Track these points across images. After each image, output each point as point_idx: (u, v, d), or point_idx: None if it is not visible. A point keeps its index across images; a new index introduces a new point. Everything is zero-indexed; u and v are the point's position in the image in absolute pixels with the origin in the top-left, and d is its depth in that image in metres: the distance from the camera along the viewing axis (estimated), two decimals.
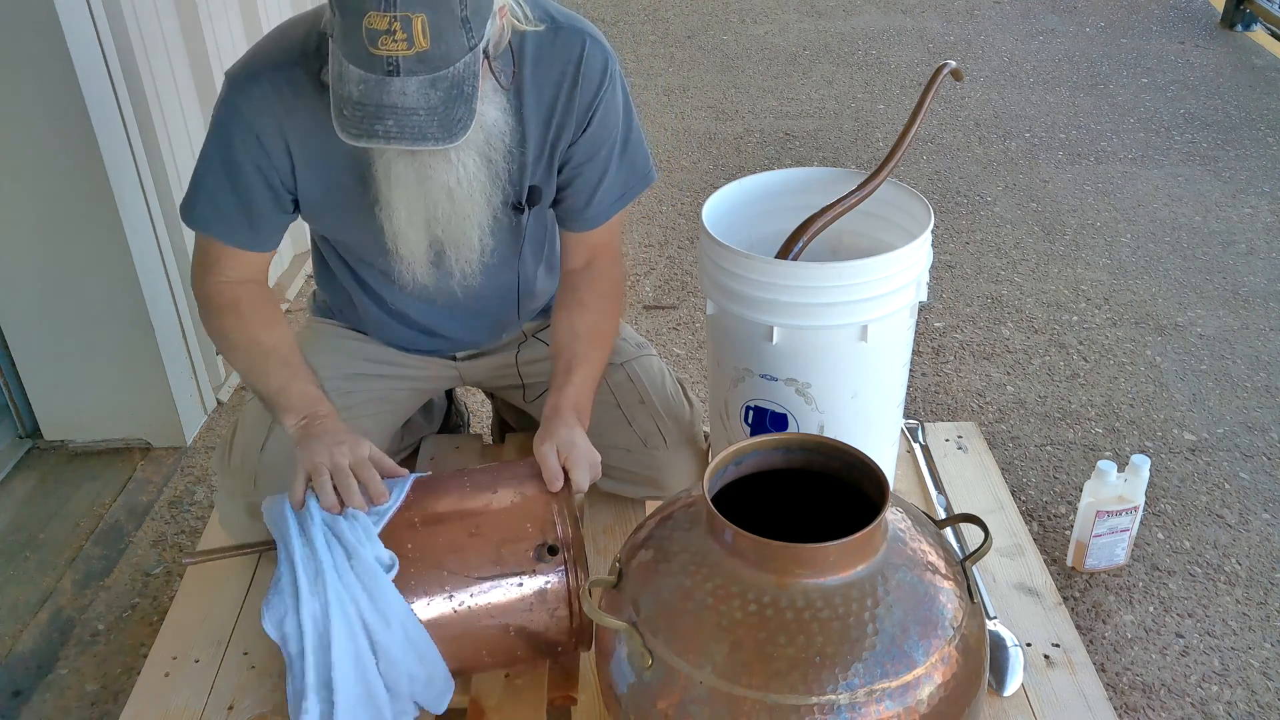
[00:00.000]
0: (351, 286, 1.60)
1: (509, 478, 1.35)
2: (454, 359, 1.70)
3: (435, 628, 1.25)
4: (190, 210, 1.42)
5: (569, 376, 1.43)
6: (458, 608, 1.25)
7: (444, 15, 1.12)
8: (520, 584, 1.27)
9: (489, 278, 1.51)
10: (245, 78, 1.33)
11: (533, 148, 1.41)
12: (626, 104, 1.47)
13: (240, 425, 1.56)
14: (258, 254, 1.46)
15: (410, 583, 1.24)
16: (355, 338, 1.66)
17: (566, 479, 1.33)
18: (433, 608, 1.25)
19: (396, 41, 1.10)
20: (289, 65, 1.30)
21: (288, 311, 2.77)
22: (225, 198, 1.38)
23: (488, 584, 1.26)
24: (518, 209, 1.46)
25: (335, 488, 1.25)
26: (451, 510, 1.31)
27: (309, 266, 2.95)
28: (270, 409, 1.40)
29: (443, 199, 1.30)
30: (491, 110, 1.28)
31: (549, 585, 1.27)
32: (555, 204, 1.52)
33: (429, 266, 1.41)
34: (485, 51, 1.19)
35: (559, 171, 1.46)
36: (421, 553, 1.26)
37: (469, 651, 1.29)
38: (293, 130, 1.34)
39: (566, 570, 1.27)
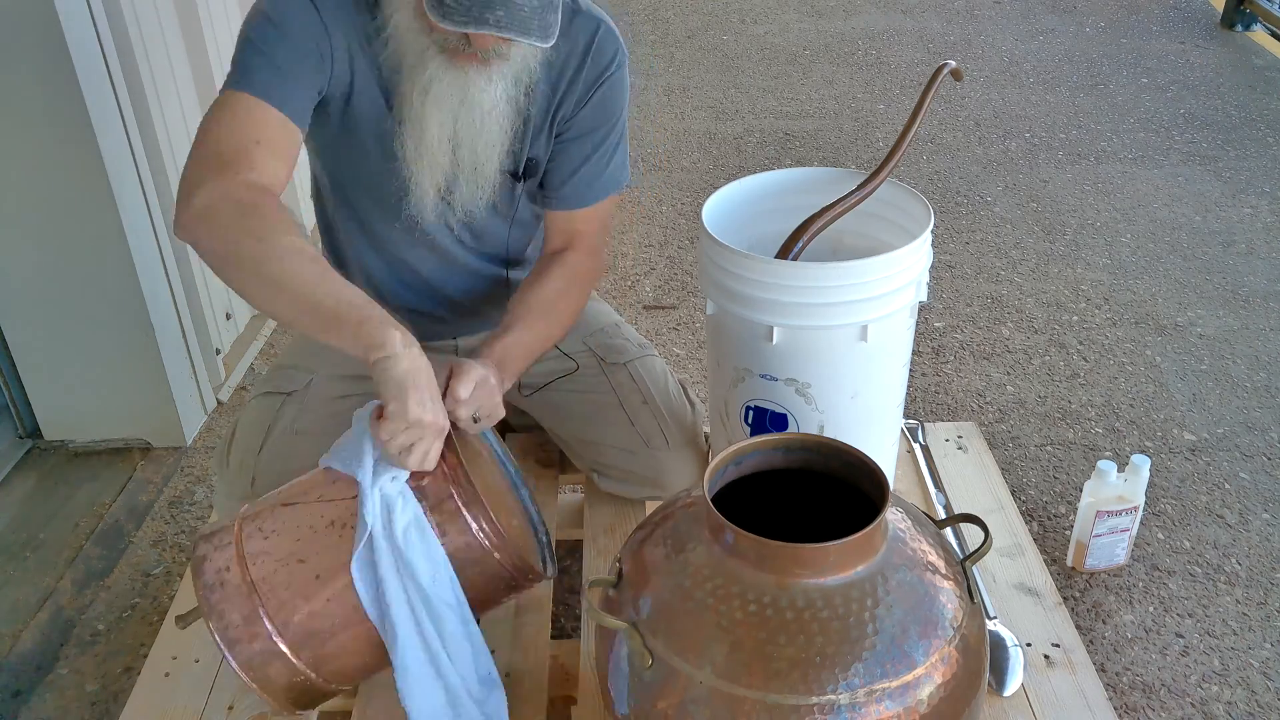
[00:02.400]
0: (357, 240, 1.55)
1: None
2: (455, 353, 1.70)
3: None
4: (241, 74, 1.29)
5: (502, 334, 1.39)
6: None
7: None
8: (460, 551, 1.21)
9: (481, 235, 1.54)
10: None
11: (535, 120, 1.44)
12: (626, 102, 1.51)
13: (239, 426, 1.56)
14: (294, 131, 1.30)
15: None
16: None
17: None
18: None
19: None
20: None
21: None
22: (278, 52, 1.28)
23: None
24: (514, 177, 1.48)
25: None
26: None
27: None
28: (332, 324, 1.16)
29: (477, 119, 1.32)
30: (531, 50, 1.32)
31: (477, 544, 1.20)
32: (541, 184, 1.54)
33: (439, 200, 1.42)
34: None
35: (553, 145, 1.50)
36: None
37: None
38: (353, 38, 1.33)
39: (472, 520, 1.19)
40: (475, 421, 1.28)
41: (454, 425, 1.21)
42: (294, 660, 1.21)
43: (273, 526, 1.23)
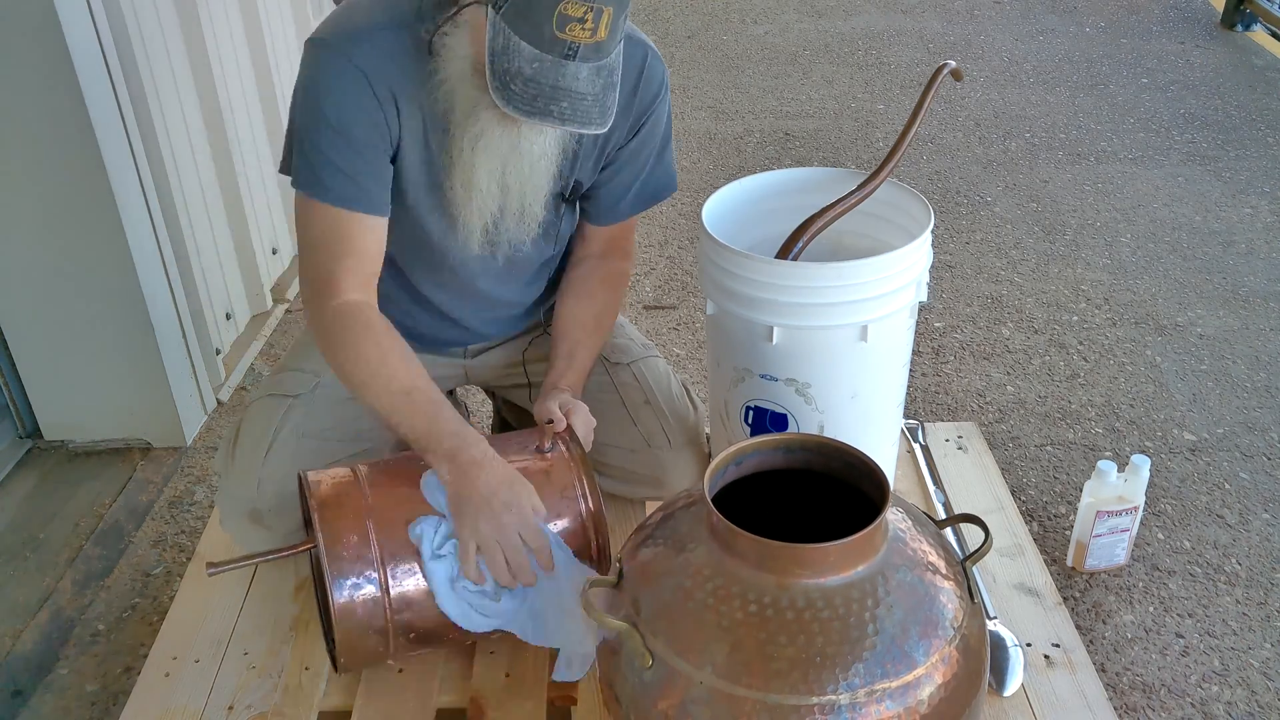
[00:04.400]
0: (384, 273, 1.56)
1: (517, 442, 1.42)
2: (464, 356, 1.70)
3: None
4: (314, 183, 1.34)
5: (570, 361, 1.51)
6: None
7: (621, 10, 1.19)
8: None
9: (518, 265, 1.55)
10: (352, 37, 1.31)
11: (584, 148, 1.45)
12: (669, 117, 1.54)
13: (244, 429, 1.55)
14: (378, 223, 1.37)
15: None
16: None
17: (567, 426, 1.40)
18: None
19: (585, 29, 1.16)
20: (398, 26, 1.31)
21: (288, 311, 2.77)
22: (345, 158, 1.32)
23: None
24: (561, 198, 1.50)
25: (506, 559, 1.27)
26: None
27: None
28: (414, 447, 1.35)
29: (526, 166, 1.34)
30: None
31: (577, 514, 1.36)
32: (585, 199, 1.56)
33: (482, 236, 1.43)
34: None
35: (604, 169, 1.52)
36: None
37: None
38: (402, 89, 1.32)
39: (586, 494, 1.36)
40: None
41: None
42: (385, 600, 1.27)
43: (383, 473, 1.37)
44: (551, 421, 1.39)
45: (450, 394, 2.02)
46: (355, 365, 1.36)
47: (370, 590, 1.26)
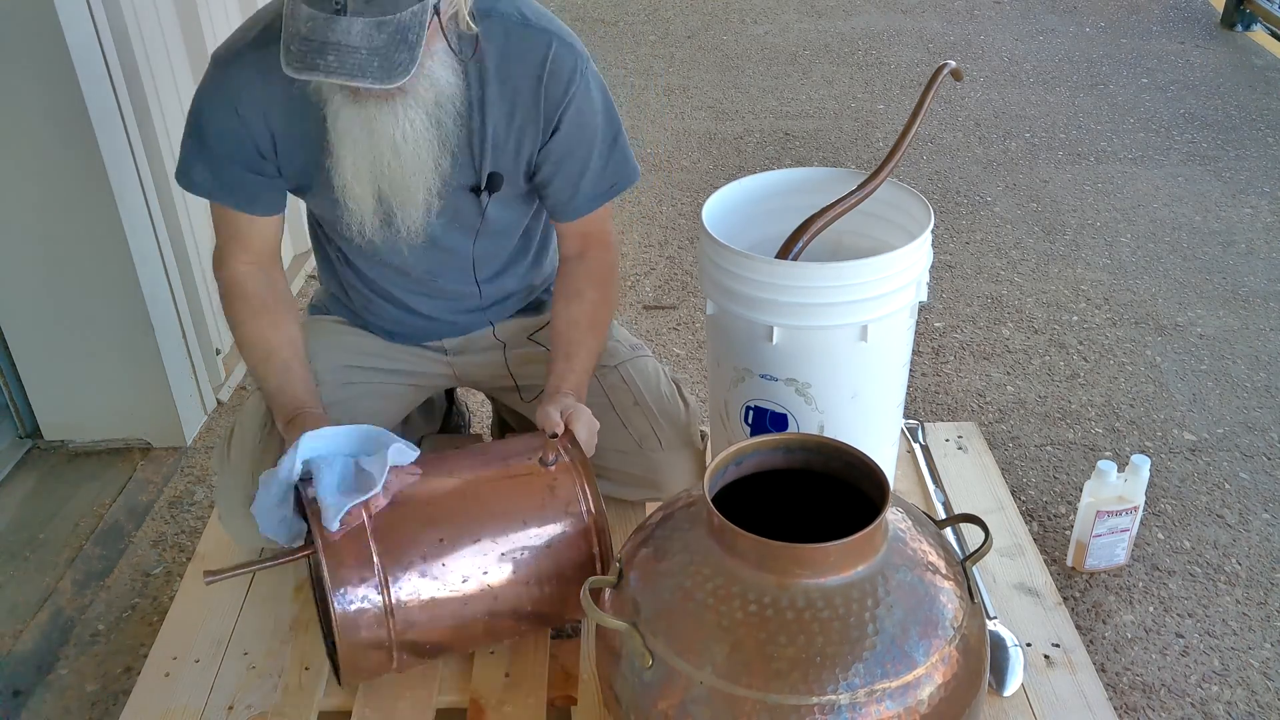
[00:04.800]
0: (339, 264, 1.64)
1: (517, 449, 1.42)
2: (444, 353, 1.70)
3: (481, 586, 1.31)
4: (184, 174, 1.48)
5: (570, 363, 1.50)
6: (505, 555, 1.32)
7: None
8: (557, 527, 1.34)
9: (443, 252, 1.55)
10: (228, 58, 1.41)
11: (493, 135, 1.44)
12: (606, 102, 1.50)
13: (239, 424, 1.57)
14: (260, 219, 1.50)
15: (456, 551, 1.30)
16: (351, 332, 1.68)
17: (568, 432, 1.41)
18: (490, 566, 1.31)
19: None
20: (266, 44, 1.35)
21: None
22: (216, 164, 1.45)
23: (527, 533, 1.33)
24: (475, 191, 1.48)
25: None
26: (475, 480, 1.37)
27: (309, 267, 2.95)
28: (269, 404, 1.51)
29: (388, 153, 1.34)
30: (443, 72, 1.32)
31: (579, 522, 1.35)
32: (541, 198, 1.56)
33: (378, 224, 1.44)
34: (437, 9, 1.23)
35: (537, 170, 1.50)
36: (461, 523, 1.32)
37: (514, 599, 1.34)
38: (273, 107, 1.39)
39: (588, 501, 1.35)
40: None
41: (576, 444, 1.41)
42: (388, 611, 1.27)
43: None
44: (555, 435, 1.38)
45: (449, 394, 2.03)
46: (234, 329, 1.53)
47: (372, 606, 1.26)
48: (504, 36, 1.39)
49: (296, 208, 2.88)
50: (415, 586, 1.27)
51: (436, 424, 1.95)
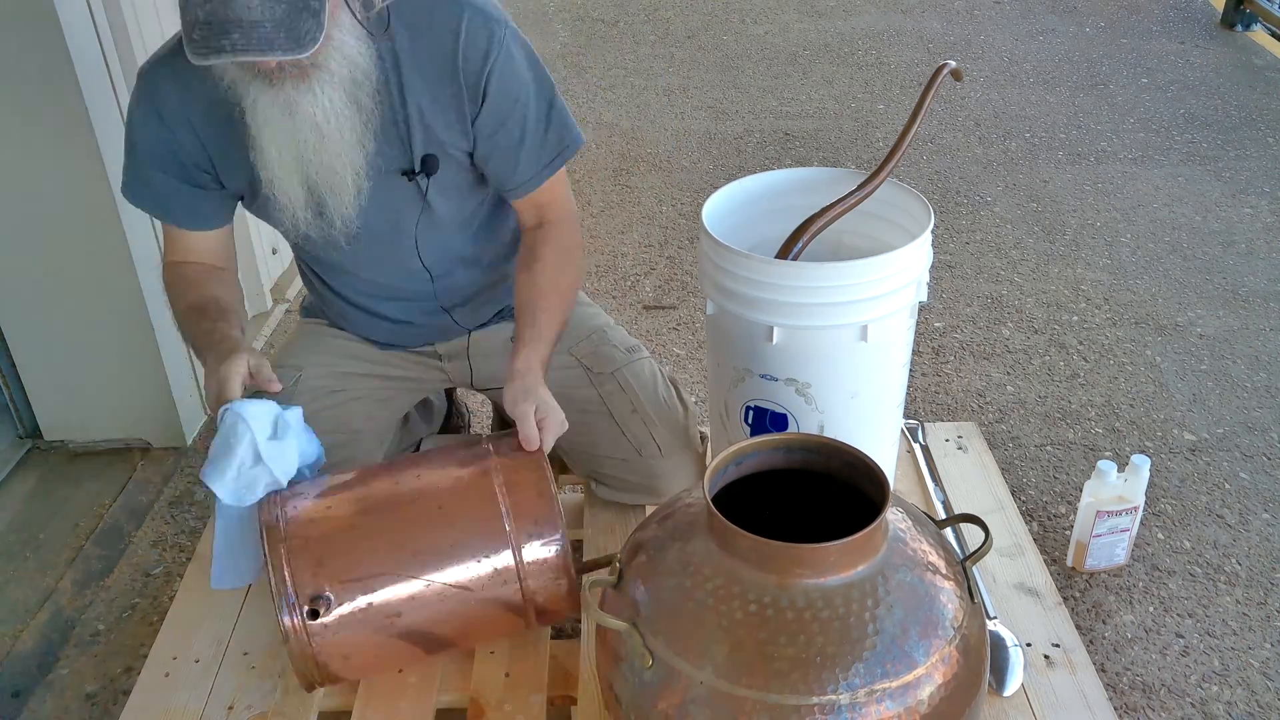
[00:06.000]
0: (310, 277, 1.64)
1: (478, 457, 1.36)
2: (439, 358, 1.69)
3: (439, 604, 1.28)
4: (126, 189, 1.50)
5: (533, 329, 1.44)
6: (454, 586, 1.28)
7: None
8: (523, 559, 1.30)
9: (385, 246, 1.52)
10: (150, 70, 1.41)
11: (419, 114, 1.40)
12: (534, 68, 1.46)
13: None
14: (198, 234, 1.51)
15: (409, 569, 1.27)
16: (342, 336, 1.67)
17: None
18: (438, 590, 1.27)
19: None
20: (181, 49, 1.30)
21: (288, 312, 2.77)
22: (149, 178, 1.46)
23: (480, 563, 1.29)
24: (410, 175, 1.44)
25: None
26: (425, 492, 1.33)
27: None
28: (198, 356, 1.44)
29: (312, 136, 1.31)
30: (354, 43, 1.30)
31: (548, 558, 1.31)
32: (487, 179, 1.51)
33: (310, 217, 1.42)
34: None
35: (475, 147, 1.45)
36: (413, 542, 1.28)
37: (472, 628, 1.33)
38: (196, 113, 1.39)
39: (563, 540, 1.31)
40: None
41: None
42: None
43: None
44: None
45: (449, 394, 2.03)
46: (170, 303, 1.51)
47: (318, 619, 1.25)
48: (412, 13, 1.37)
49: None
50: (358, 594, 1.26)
51: (436, 425, 1.95)
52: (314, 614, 1.23)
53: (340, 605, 1.24)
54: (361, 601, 1.25)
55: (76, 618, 1.84)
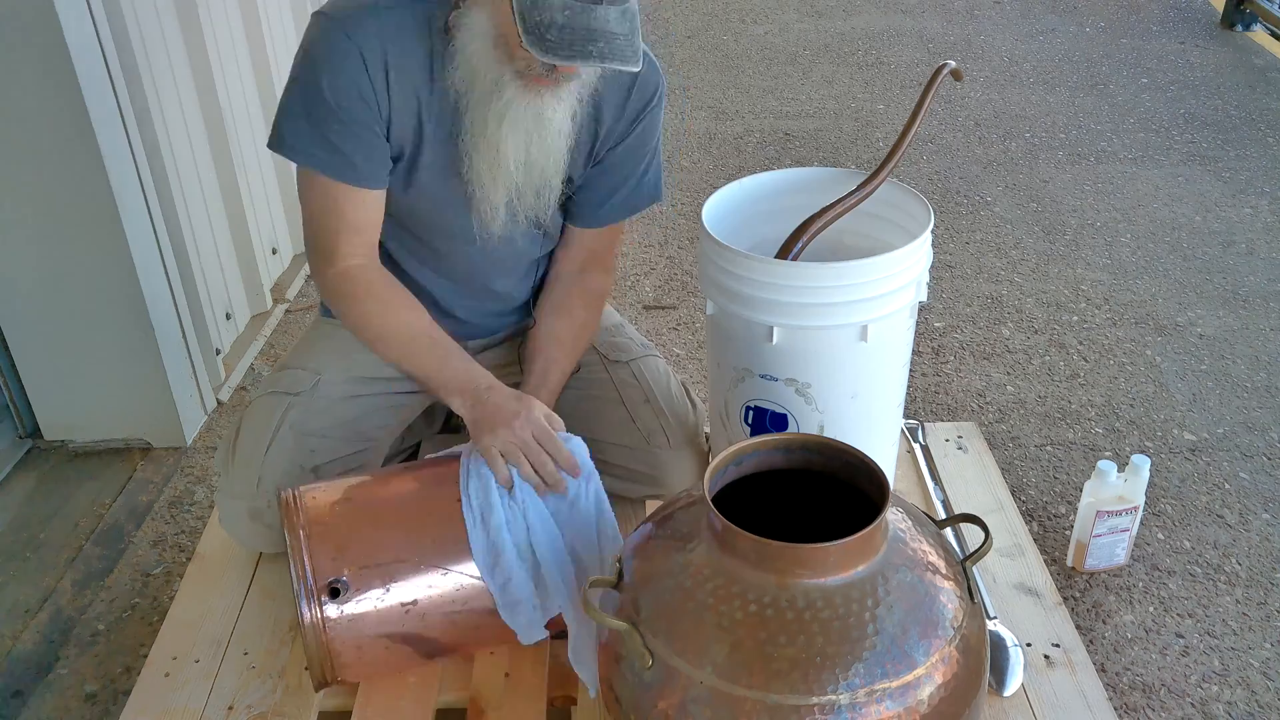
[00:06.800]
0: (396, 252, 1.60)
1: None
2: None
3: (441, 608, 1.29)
4: (287, 142, 1.40)
5: (544, 379, 1.52)
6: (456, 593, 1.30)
7: None
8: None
9: (513, 250, 1.57)
10: (355, 14, 1.35)
11: (581, 136, 1.46)
12: (660, 127, 1.55)
13: (244, 427, 1.56)
14: (371, 195, 1.44)
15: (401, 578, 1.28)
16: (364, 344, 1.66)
17: None
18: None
19: None
20: (403, 5, 1.35)
21: (288, 312, 2.77)
22: (335, 132, 1.37)
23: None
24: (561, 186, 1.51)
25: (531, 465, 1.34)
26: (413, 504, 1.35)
27: (308, 267, 2.95)
28: (430, 390, 1.47)
29: (549, 139, 1.37)
30: None
31: None
32: (568, 198, 1.56)
33: (505, 215, 1.45)
34: None
35: (582, 173, 1.52)
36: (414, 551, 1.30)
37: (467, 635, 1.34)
38: (401, 69, 1.37)
39: None
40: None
41: None
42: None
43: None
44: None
45: None
46: (364, 324, 1.48)
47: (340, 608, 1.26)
48: None
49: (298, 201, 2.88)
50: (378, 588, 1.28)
51: (436, 427, 1.95)
52: (334, 593, 1.24)
53: (358, 592, 1.25)
54: (379, 589, 1.26)
55: (76, 618, 1.84)
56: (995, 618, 1.48)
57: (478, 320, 1.67)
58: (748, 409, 1.54)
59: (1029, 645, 1.45)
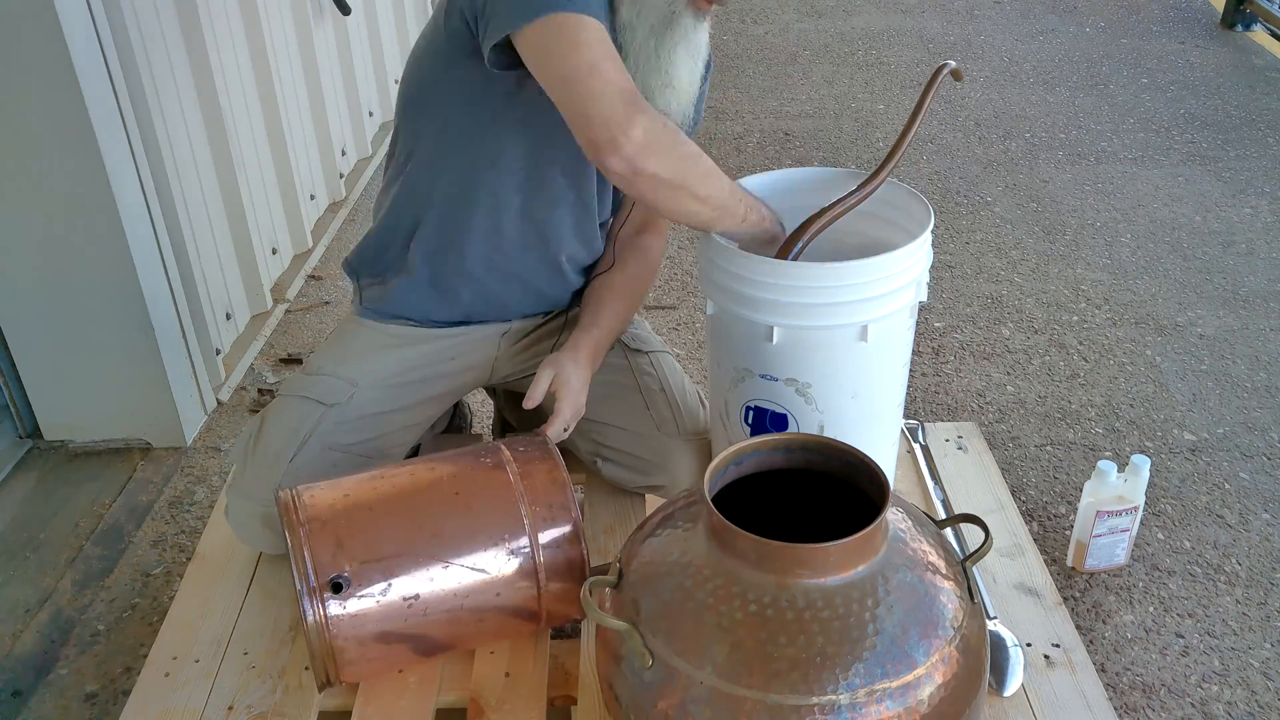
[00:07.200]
0: (453, 214, 1.54)
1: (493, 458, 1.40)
2: (499, 340, 1.68)
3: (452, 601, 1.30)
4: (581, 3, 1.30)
5: (596, 319, 1.57)
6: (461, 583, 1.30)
7: None
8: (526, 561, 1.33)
9: (590, 204, 1.59)
10: None
11: None
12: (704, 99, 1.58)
13: (270, 426, 1.54)
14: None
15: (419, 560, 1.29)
16: (401, 341, 1.62)
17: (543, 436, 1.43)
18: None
19: None
20: None
21: (288, 311, 2.77)
22: None
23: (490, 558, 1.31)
24: None
25: None
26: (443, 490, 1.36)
27: (309, 266, 2.96)
28: (716, 215, 1.40)
29: (701, 66, 1.44)
30: None
31: (562, 540, 1.35)
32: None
33: None
34: None
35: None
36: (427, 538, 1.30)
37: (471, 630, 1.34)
38: None
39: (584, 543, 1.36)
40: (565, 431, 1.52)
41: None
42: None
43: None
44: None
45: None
46: (694, 161, 1.36)
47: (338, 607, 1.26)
48: None
49: (298, 201, 2.87)
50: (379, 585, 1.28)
51: (440, 426, 1.95)
52: (337, 587, 1.24)
53: (360, 587, 1.25)
54: (380, 584, 1.26)
55: (76, 618, 1.84)
56: (995, 618, 1.48)
57: (533, 281, 1.62)
58: (748, 409, 1.54)
59: (1029, 645, 1.45)
